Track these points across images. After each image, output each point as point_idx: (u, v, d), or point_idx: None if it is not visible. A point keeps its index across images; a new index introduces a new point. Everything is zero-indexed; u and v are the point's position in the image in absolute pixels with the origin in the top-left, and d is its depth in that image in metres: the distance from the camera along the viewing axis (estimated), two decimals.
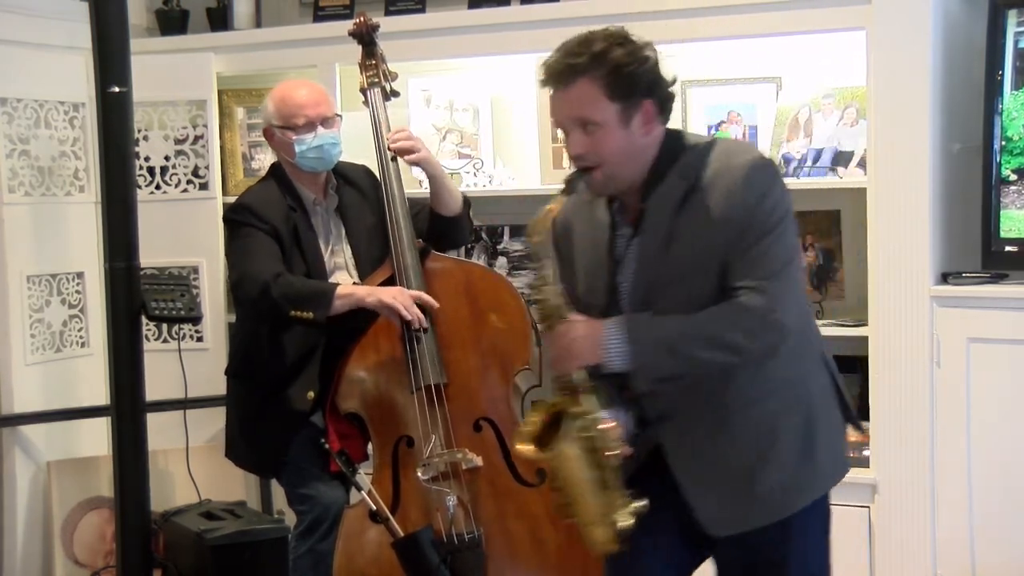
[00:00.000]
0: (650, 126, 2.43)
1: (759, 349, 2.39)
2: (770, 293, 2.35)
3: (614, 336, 2.40)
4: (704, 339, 2.37)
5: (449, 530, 3.29)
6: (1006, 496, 3.48)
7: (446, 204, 3.56)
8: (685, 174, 2.43)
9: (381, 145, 3.56)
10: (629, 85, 2.39)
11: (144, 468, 3.65)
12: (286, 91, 3.53)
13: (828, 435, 2.50)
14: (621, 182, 2.47)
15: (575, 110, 2.41)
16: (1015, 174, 3.51)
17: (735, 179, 2.37)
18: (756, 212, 2.36)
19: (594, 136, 2.41)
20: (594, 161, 2.43)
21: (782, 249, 2.39)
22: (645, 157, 2.45)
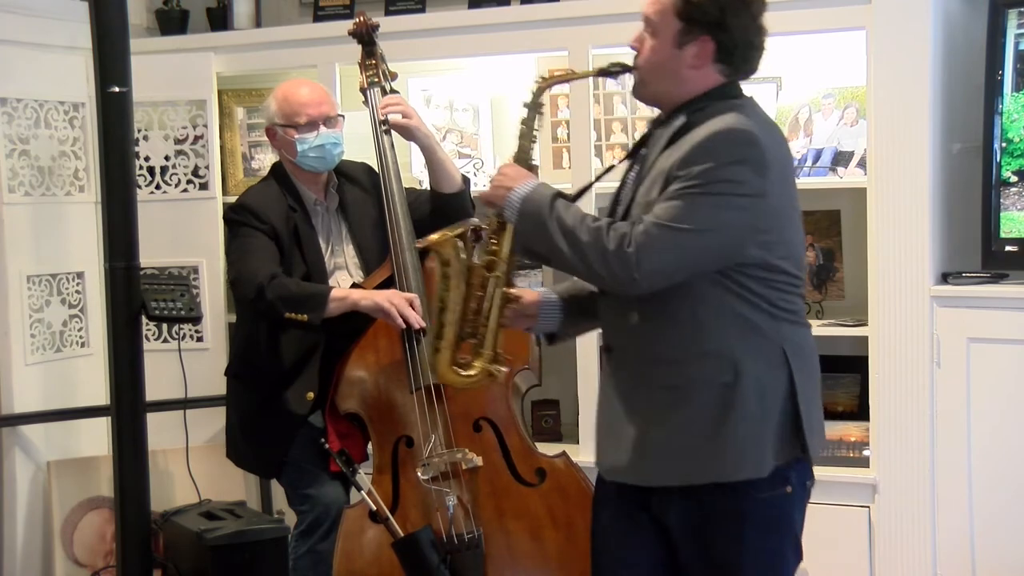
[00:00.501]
0: (701, 62, 2.44)
1: (603, 272, 2.37)
2: (647, 232, 2.33)
3: (520, 192, 2.47)
4: (567, 231, 2.39)
5: (449, 530, 3.29)
6: (1006, 496, 3.48)
7: (444, 179, 3.56)
8: (688, 116, 2.45)
9: (381, 144, 3.56)
10: (696, 13, 2.41)
11: (144, 468, 3.65)
12: (289, 90, 3.53)
13: (746, 427, 2.41)
14: (650, 93, 2.53)
15: (648, 8, 2.48)
16: (1016, 176, 3.51)
17: (701, 135, 2.38)
18: (693, 168, 2.35)
19: (650, 39, 2.48)
20: (638, 61, 2.50)
21: (693, 213, 2.33)
22: (683, 86, 2.47)
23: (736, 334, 2.42)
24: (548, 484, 3.35)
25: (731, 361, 2.41)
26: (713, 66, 2.46)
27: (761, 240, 2.41)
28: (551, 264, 2.54)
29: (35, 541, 4.19)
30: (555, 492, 3.35)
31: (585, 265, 2.39)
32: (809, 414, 2.47)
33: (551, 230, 2.41)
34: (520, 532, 3.33)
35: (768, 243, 2.42)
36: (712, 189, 2.34)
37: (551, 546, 3.32)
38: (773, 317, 2.45)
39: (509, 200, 2.48)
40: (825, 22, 3.62)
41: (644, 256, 2.34)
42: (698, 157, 2.35)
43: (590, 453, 3.88)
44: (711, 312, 2.42)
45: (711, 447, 2.42)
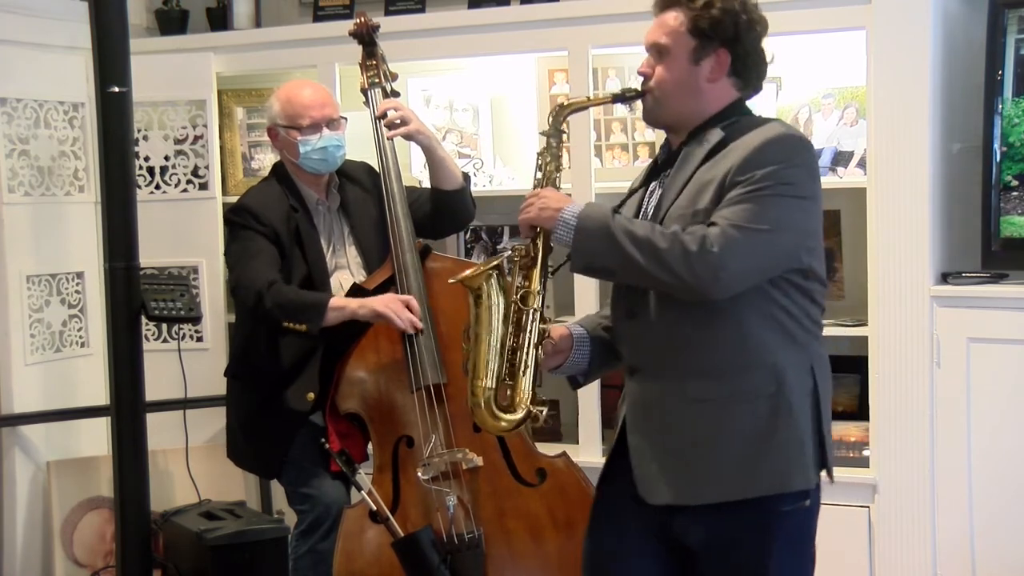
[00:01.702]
0: (718, 74, 2.48)
1: (687, 276, 2.33)
2: (725, 233, 2.32)
3: (572, 210, 2.44)
4: (640, 240, 2.36)
5: (449, 530, 3.29)
6: (1006, 496, 3.48)
7: (446, 178, 3.56)
8: (727, 128, 2.47)
9: (381, 145, 3.56)
10: (711, 28, 2.45)
11: (144, 468, 3.65)
12: (292, 91, 3.53)
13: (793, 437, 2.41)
14: (667, 113, 2.54)
15: (657, 35, 2.51)
16: (1017, 180, 3.51)
17: (756, 141, 2.40)
18: (756, 172, 2.36)
19: (662, 62, 2.50)
20: (652, 84, 2.51)
21: (766, 213, 2.34)
22: (702, 102, 2.50)
23: (778, 344, 2.42)
24: (548, 484, 3.35)
25: (774, 371, 2.41)
26: (728, 79, 2.50)
27: (811, 245, 2.45)
28: (617, 277, 2.51)
29: (35, 541, 4.19)
30: (555, 492, 3.35)
31: (666, 271, 2.34)
32: (828, 430, 2.49)
33: (621, 242, 2.37)
34: (520, 532, 3.33)
35: (814, 249, 2.46)
36: (779, 191, 2.36)
37: (551, 546, 3.32)
38: (806, 330, 2.46)
39: (562, 219, 2.43)
40: (825, 22, 3.63)
41: (728, 257, 2.32)
42: (760, 161, 2.37)
43: (590, 453, 3.92)
44: (755, 322, 2.41)
45: (765, 459, 2.40)
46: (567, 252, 2.47)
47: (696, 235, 2.33)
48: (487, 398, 2.52)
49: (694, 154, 2.48)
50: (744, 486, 2.41)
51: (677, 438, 2.44)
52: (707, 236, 2.32)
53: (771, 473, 2.41)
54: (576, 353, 2.63)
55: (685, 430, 2.44)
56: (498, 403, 2.52)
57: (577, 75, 3.91)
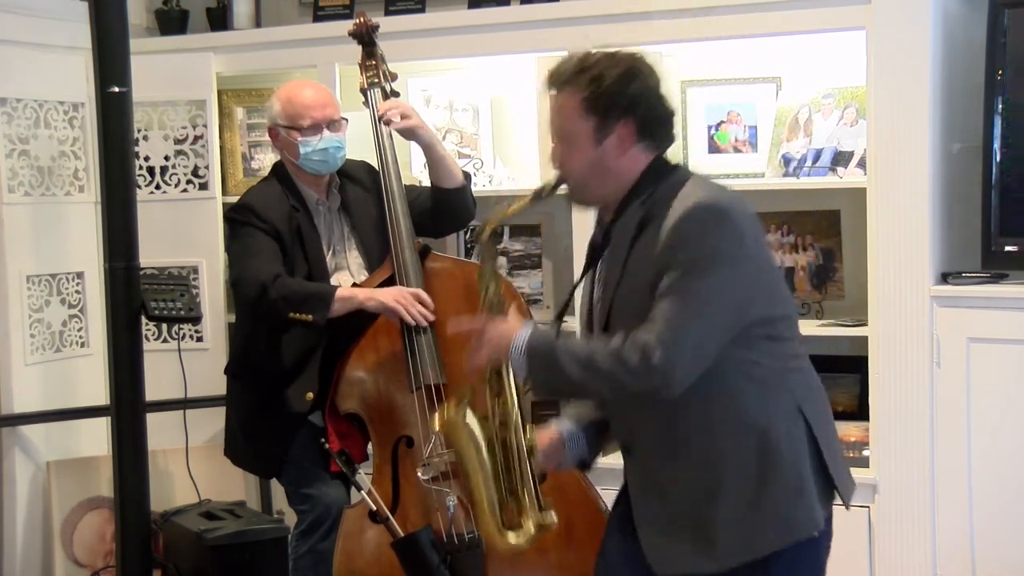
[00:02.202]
0: (624, 148, 2.43)
1: (638, 389, 2.34)
2: (660, 336, 2.30)
3: (519, 341, 2.43)
4: (586, 364, 2.36)
5: (449, 530, 3.29)
6: (1006, 496, 3.48)
7: (446, 176, 3.56)
8: (646, 204, 2.43)
9: (381, 144, 3.56)
10: (606, 104, 2.40)
11: (144, 468, 3.65)
12: (293, 91, 3.52)
13: (784, 488, 2.39)
14: (589, 197, 2.52)
15: (555, 119, 2.47)
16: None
17: (676, 216, 2.36)
18: (680, 251, 2.33)
19: (568, 147, 2.46)
20: (564, 172, 2.49)
21: (694, 299, 2.31)
22: (618, 179, 2.46)
23: (756, 399, 2.40)
24: (548, 485, 3.34)
25: (757, 428, 2.39)
26: (637, 146, 2.44)
27: (758, 298, 2.40)
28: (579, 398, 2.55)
29: (35, 541, 4.19)
30: (555, 492, 3.32)
31: (616, 388, 2.36)
32: (833, 460, 2.47)
33: (569, 371, 2.37)
34: None
35: (763, 298, 2.42)
36: (701, 270, 2.32)
37: (551, 546, 3.31)
38: (783, 371, 2.44)
39: (513, 355, 2.44)
40: (825, 22, 3.62)
41: (670, 358, 2.29)
42: (676, 246, 2.33)
43: None
44: (728, 387, 2.39)
45: (764, 516, 2.39)
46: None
47: (637, 344, 2.31)
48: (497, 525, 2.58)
49: (622, 235, 2.46)
50: (748, 548, 2.40)
51: (674, 510, 2.45)
52: (646, 344, 2.30)
53: (773, 528, 2.39)
54: (571, 450, 2.63)
55: (681, 501, 2.43)
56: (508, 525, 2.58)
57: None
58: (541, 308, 4.17)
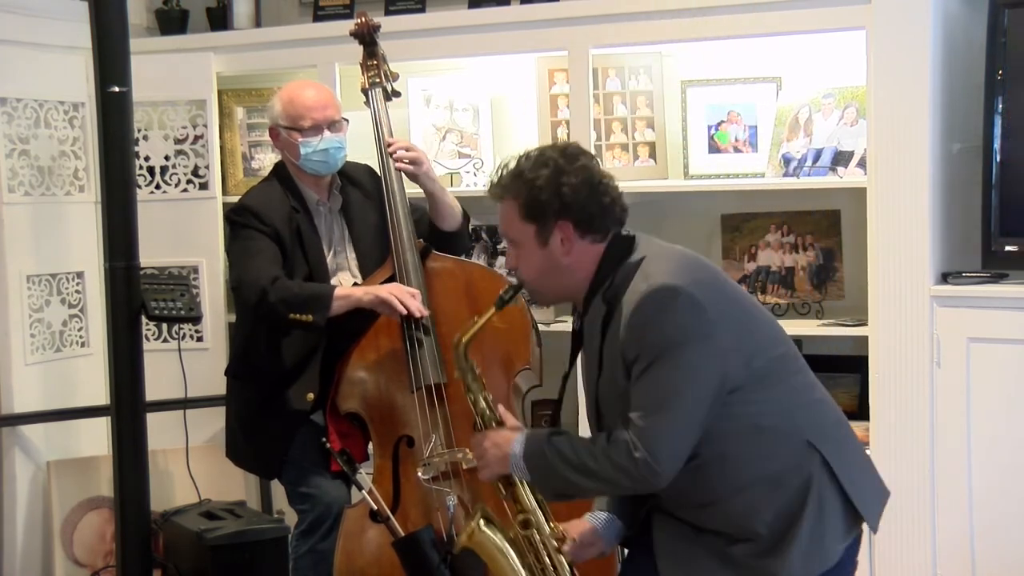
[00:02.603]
0: (569, 246, 2.47)
1: (629, 484, 2.40)
2: (639, 431, 2.35)
3: (516, 451, 2.51)
4: (580, 468, 2.43)
5: (449, 530, 3.29)
6: (1006, 496, 3.48)
7: (445, 220, 3.57)
8: (607, 297, 2.47)
9: (382, 145, 3.56)
10: (540, 207, 2.45)
11: (144, 468, 3.65)
12: (294, 92, 3.52)
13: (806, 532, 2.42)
14: (552, 296, 2.62)
15: (503, 227, 2.56)
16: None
17: (631, 308, 2.39)
18: (640, 341, 2.37)
19: (518, 253, 2.53)
20: (520, 275, 2.56)
21: (665, 387, 2.35)
22: (573, 275, 2.50)
23: (765, 450, 2.43)
24: None
25: (769, 479, 2.42)
26: (582, 241, 2.48)
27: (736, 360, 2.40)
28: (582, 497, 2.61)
29: (35, 541, 4.19)
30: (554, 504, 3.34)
31: (611, 486, 2.45)
32: (856, 486, 2.49)
33: (567, 475, 2.44)
34: None
35: (743, 355, 2.42)
36: (667, 354, 2.35)
37: None
38: (788, 410, 2.46)
39: (514, 465, 2.52)
40: (825, 22, 3.63)
41: (654, 450, 2.34)
42: (637, 336, 2.37)
43: None
44: (733, 442, 2.42)
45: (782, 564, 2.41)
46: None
47: (618, 443, 2.37)
48: None
49: (592, 330, 2.50)
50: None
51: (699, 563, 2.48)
52: (628, 442, 2.36)
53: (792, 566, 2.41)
54: (607, 537, 2.66)
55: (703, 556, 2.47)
56: None
57: (577, 75, 3.91)
58: (541, 308, 4.16)
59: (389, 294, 3.32)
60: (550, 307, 2.62)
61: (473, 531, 2.64)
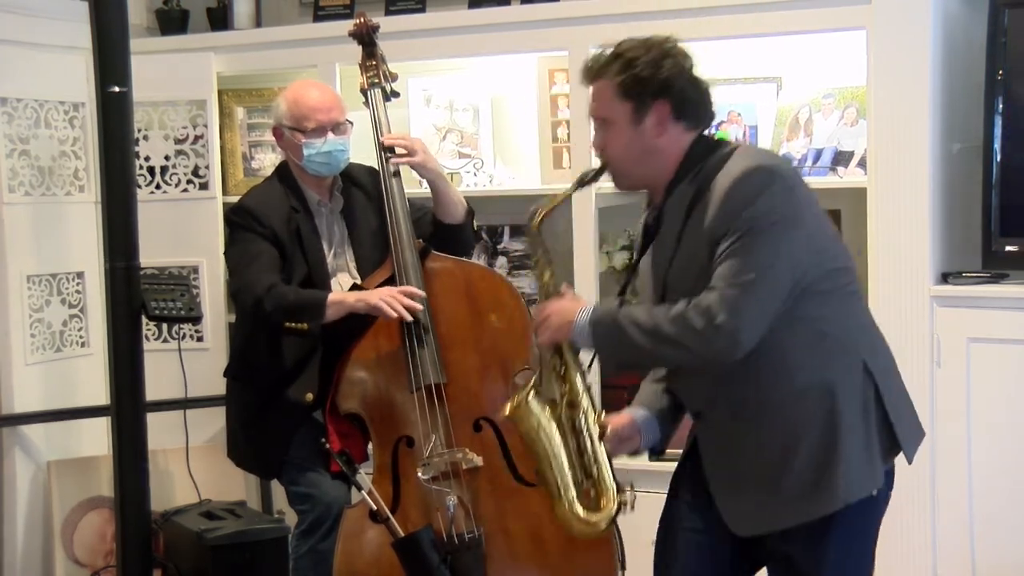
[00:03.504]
0: (663, 127, 2.50)
1: (704, 352, 2.39)
2: (724, 297, 2.36)
3: (583, 317, 2.50)
4: (651, 331, 2.42)
5: (449, 530, 3.29)
6: (1006, 496, 3.48)
7: (448, 211, 3.56)
8: (696, 179, 2.48)
9: (381, 145, 3.56)
10: (640, 86, 2.47)
11: (144, 468, 3.65)
12: (299, 92, 3.52)
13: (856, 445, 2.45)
14: (635, 179, 2.58)
15: (594, 108, 2.55)
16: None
17: (726, 184, 2.41)
18: (735, 216, 2.38)
19: (608, 133, 2.53)
20: (606, 157, 2.55)
21: (755, 259, 2.37)
22: (661, 159, 2.52)
23: (824, 358, 2.45)
24: None
25: (827, 388, 2.44)
26: (676, 126, 2.51)
27: (814, 253, 2.45)
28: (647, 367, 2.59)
29: (35, 541, 4.19)
30: None
31: (683, 353, 2.42)
32: (899, 417, 2.53)
33: (635, 339, 2.43)
34: (520, 532, 3.33)
35: (821, 252, 2.47)
36: (759, 229, 2.37)
37: (551, 546, 3.32)
38: (847, 326, 2.49)
39: (577, 330, 2.51)
40: (825, 22, 3.62)
41: (734, 319, 2.35)
42: (731, 208, 2.39)
43: None
44: (797, 346, 2.44)
45: (833, 475, 2.44)
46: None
47: (700, 308, 2.37)
48: (576, 513, 2.59)
49: (674, 213, 2.51)
50: (817, 506, 2.45)
51: (747, 472, 2.50)
52: (710, 307, 2.36)
53: (842, 487, 2.44)
54: (646, 436, 2.67)
55: (753, 464, 2.49)
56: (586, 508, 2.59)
57: (577, 75, 3.90)
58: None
59: (379, 300, 3.32)
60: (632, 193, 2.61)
61: (520, 403, 2.60)
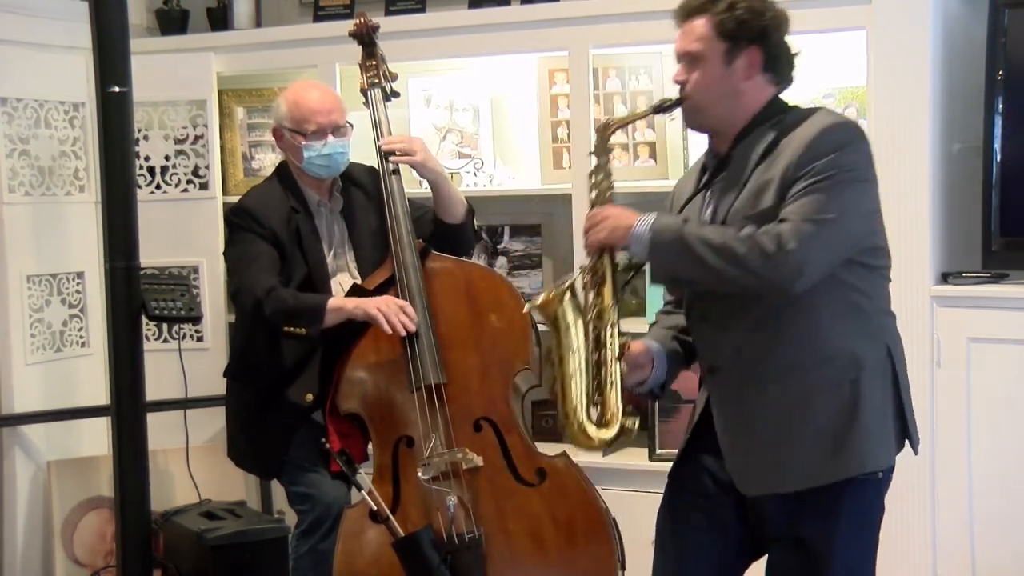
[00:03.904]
0: (752, 71, 2.54)
1: (769, 276, 2.38)
2: (798, 228, 2.37)
3: (642, 224, 2.48)
4: (718, 247, 2.41)
5: (449, 530, 3.29)
6: (1006, 496, 3.48)
7: (448, 211, 3.56)
8: (776, 126, 2.52)
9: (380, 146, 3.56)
10: (738, 28, 2.52)
11: (144, 468, 3.65)
12: (300, 94, 3.52)
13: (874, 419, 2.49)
14: (709, 118, 2.59)
15: (687, 44, 2.57)
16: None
17: (812, 132, 2.45)
18: (816, 163, 2.41)
19: (696, 69, 2.55)
20: (688, 92, 2.57)
21: (833, 202, 2.39)
22: (742, 103, 2.55)
23: (855, 331, 2.49)
24: (548, 484, 3.35)
25: (854, 359, 2.48)
26: (762, 76, 2.56)
27: (876, 226, 2.53)
28: (699, 285, 2.55)
29: (35, 541, 4.19)
30: (555, 492, 3.34)
31: (748, 274, 2.40)
32: (910, 409, 2.58)
33: (700, 252, 2.42)
34: (520, 532, 3.33)
35: (875, 226, 2.54)
36: (841, 178, 2.41)
37: (551, 546, 3.32)
38: (880, 311, 2.56)
39: (635, 235, 2.48)
40: (825, 22, 3.62)
41: (805, 251, 2.37)
42: (817, 152, 2.42)
43: (590, 453, 3.90)
44: (831, 311, 2.48)
45: (850, 443, 2.47)
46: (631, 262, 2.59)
47: (771, 234, 2.38)
48: (580, 419, 2.58)
49: (747, 156, 2.53)
50: (833, 470, 2.48)
51: (762, 432, 2.52)
52: (781, 234, 2.37)
53: (856, 455, 2.48)
54: (657, 368, 2.67)
55: (769, 424, 2.51)
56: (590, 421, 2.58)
57: (577, 75, 3.91)
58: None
59: (377, 310, 3.32)
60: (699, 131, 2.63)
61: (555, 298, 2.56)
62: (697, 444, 2.66)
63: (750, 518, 2.61)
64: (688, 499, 2.67)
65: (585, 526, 3.30)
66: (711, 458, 2.62)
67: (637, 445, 4.01)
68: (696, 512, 2.66)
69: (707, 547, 2.65)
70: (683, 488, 2.69)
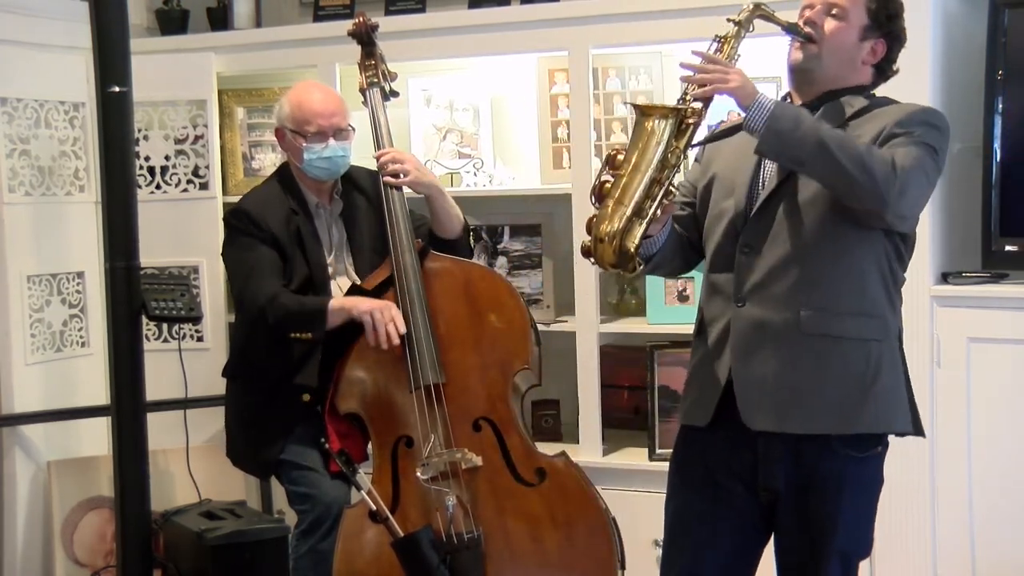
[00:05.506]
0: (873, 59, 2.66)
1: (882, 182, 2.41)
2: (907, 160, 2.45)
3: (766, 95, 2.47)
4: (839, 142, 2.43)
5: (448, 530, 3.29)
6: (1006, 496, 3.48)
7: (444, 226, 3.56)
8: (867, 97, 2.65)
9: (380, 146, 3.56)
10: (882, 16, 2.64)
11: (144, 468, 3.65)
12: (302, 95, 3.52)
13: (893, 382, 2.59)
14: (822, 68, 2.63)
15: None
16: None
17: (910, 107, 2.60)
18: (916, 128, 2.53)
19: (837, 22, 2.62)
20: (819, 36, 2.62)
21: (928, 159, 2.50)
22: (854, 74, 2.66)
23: (884, 296, 2.60)
24: (548, 484, 3.35)
25: (882, 320, 2.59)
26: (875, 64, 2.68)
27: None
28: (803, 168, 2.51)
29: (35, 541, 4.19)
30: (555, 492, 3.35)
31: (863, 171, 2.42)
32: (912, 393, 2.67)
33: (820, 135, 2.43)
34: (520, 532, 3.33)
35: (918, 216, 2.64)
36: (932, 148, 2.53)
37: (551, 546, 3.32)
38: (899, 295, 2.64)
39: (759, 103, 2.45)
40: None
41: (912, 180, 2.46)
42: (918, 120, 2.55)
43: (590, 453, 3.92)
44: (870, 272, 2.57)
45: (871, 399, 2.55)
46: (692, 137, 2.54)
47: (885, 156, 2.46)
48: (613, 226, 2.50)
49: (837, 110, 2.61)
50: (849, 422, 2.54)
51: (786, 369, 2.55)
52: (893, 159, 2.44)
53: (875, 413, 2.55)
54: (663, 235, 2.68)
55: (795, 362, 2.55)
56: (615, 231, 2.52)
57: (577, 75, 3.91)
58: (541, 308, 4.17)
59: (371, 317, 3.32)
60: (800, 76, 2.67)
61: (658, 112, 2.52)
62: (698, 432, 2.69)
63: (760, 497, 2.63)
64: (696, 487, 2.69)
65: (585, 526, 3.30)
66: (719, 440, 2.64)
67: (637, 445, 4.02)
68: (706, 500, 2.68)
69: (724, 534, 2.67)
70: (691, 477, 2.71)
